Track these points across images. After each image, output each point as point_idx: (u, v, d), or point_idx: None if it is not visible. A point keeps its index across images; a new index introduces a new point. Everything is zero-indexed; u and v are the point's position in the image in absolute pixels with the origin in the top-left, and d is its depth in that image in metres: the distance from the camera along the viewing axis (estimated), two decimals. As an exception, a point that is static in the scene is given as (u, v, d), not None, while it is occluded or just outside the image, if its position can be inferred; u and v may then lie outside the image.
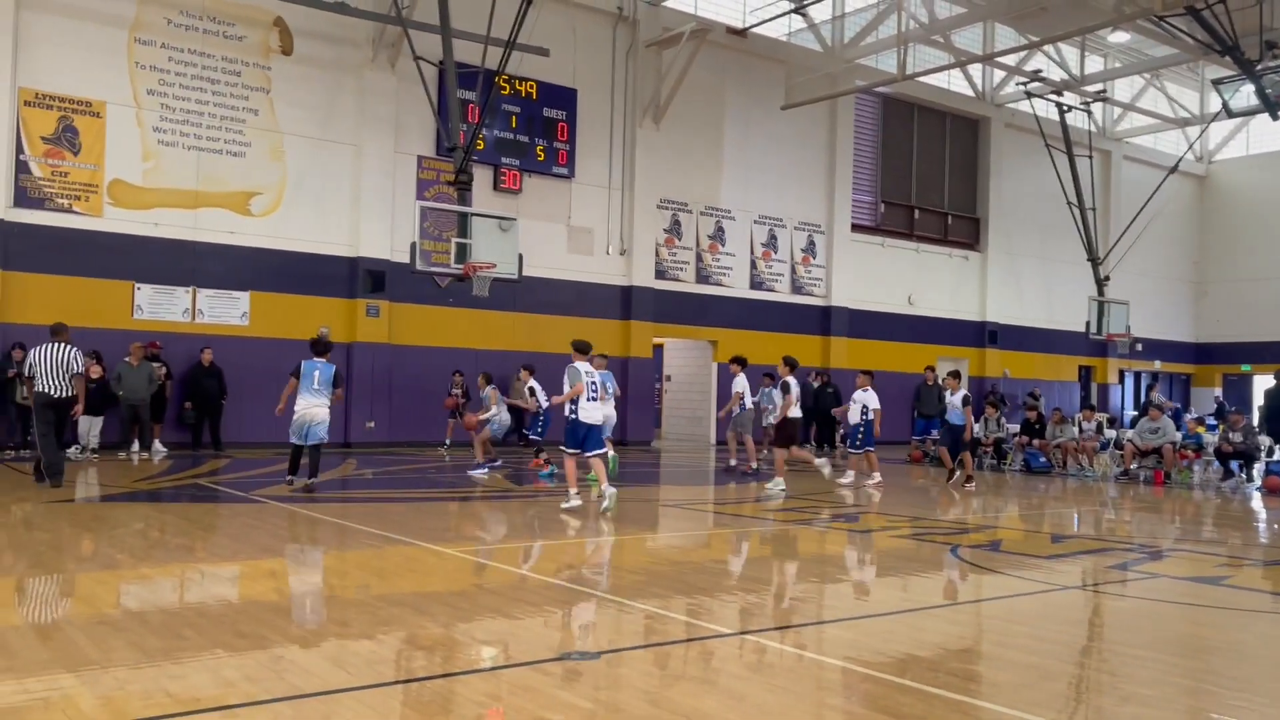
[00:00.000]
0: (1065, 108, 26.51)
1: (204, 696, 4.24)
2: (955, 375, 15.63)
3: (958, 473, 15.13)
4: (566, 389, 10.71)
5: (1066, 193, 26.58)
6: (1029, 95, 26.31)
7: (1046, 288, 30.61)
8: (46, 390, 11.40)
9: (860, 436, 15.32)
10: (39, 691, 4.24)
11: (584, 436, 10.67)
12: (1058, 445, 18.62)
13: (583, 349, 10.97)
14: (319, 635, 5.44)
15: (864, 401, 15.35)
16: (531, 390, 15.02)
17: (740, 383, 16.31)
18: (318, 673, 4.63)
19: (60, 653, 4.80)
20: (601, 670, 4.88)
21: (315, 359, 11.64)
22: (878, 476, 14.84)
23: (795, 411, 14.00)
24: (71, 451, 15.55)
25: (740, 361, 16.39)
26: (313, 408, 11.47)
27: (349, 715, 4.04)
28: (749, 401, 16.50)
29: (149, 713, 4.03)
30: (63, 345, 11.55)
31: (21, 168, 16.25)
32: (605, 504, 10.43)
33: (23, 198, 16.26)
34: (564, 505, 10.70)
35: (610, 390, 11.96)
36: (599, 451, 10.84)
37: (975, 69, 28.84)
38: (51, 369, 11.39)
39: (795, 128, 25.07)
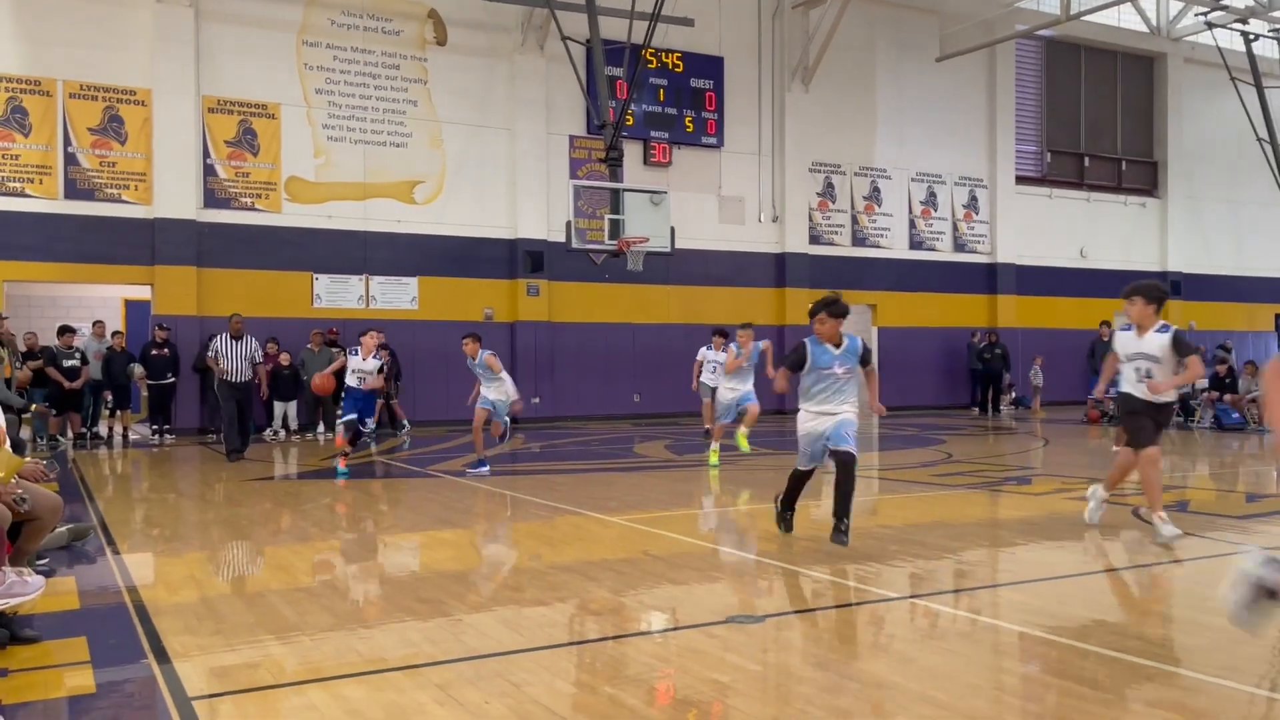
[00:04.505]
0: (1252, 36, 24.46)
1: (391, 657, 4.50)
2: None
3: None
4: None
5: (1256, 128, 24.58)
6: (1210, 26, 24.42)
7: (1235, 232, 28.46)
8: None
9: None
10: (246, 652, 4.60)
11: None
12: (1253, 400, 17.37)
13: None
14: (494, 600, 5.67)
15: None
16: (382, 368, 12.13)
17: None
18: (494, 635, 4.83)
19: (263, 617, 5.19)
20: (768, 634, 4.91)
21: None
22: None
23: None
24: (266, 434, 16.74)
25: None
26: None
27: (523, 675, 4.21)
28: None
29: (341, 671, 4.31)
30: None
31: (209, 171, 17.45)
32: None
33: (211, 199, 17.46)
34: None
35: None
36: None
37: (1148, 2, 26.98)
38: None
39: (951, 80, 24.11)
